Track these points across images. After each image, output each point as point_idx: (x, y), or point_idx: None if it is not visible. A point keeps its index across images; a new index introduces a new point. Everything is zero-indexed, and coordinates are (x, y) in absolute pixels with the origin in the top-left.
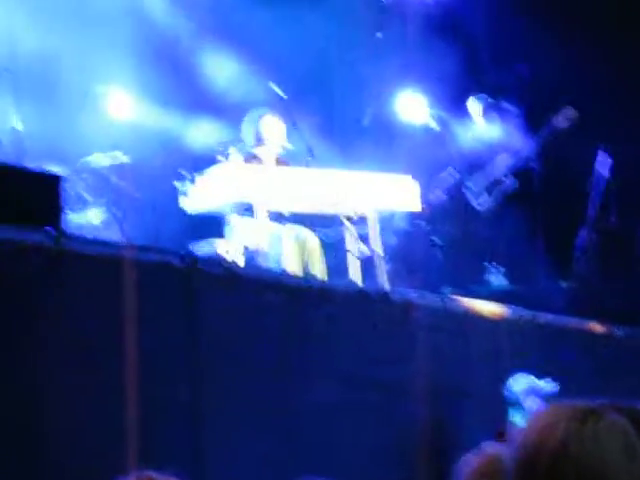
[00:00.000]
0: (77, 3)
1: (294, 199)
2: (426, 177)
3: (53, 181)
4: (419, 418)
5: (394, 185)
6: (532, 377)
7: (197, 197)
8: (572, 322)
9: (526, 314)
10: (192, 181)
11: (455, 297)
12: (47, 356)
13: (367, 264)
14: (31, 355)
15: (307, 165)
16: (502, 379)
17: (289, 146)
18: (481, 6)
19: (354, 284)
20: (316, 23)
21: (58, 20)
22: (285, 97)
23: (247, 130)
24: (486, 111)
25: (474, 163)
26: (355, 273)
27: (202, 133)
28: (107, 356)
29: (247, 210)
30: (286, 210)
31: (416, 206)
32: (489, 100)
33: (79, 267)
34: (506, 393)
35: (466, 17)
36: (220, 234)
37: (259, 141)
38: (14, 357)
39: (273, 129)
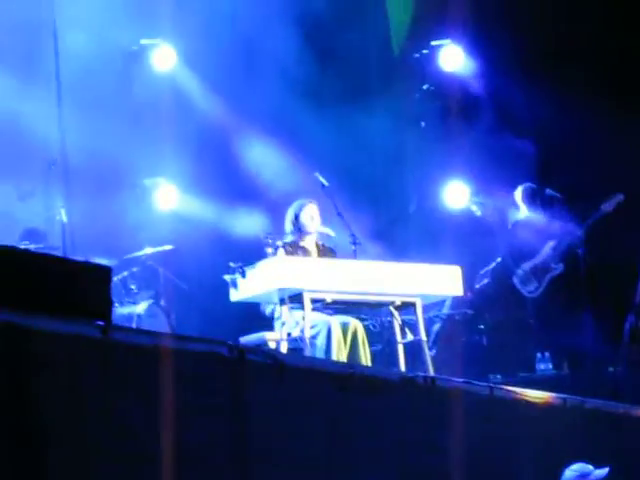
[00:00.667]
0: (124, 98)
1: (341, 289)
2: (471, 263)
3: (102, 273)
4: None
5: (438, 272)
6: (582, 464)
7: (247, 288)
8: (621, 408)
9: (575, 400)
10: (242, 274)
11: (502, 385)
12: (94, 443)
13: (413, 351)
14: (77, 442)
15: (353, 253)
16: (553, 466)
17: (332, 233)
18: (524, 95)
19: (400, 372)
20: (361, 116)
21: (106, 114)
22: (327, 184)
23: (290, 220)
24: (532, 199)
25: (521, 250)
26: (401, 360)
27: (248, 224)
28: (152, 448)
29: (294, 301)
30: (333, 299)
31: (459, 291)
32: (535, 188)
33: (127, 358)
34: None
35: (510, 110)
36: (269, 327)
37: (300, 231)
38: (62, 444)
39: (314, 218)
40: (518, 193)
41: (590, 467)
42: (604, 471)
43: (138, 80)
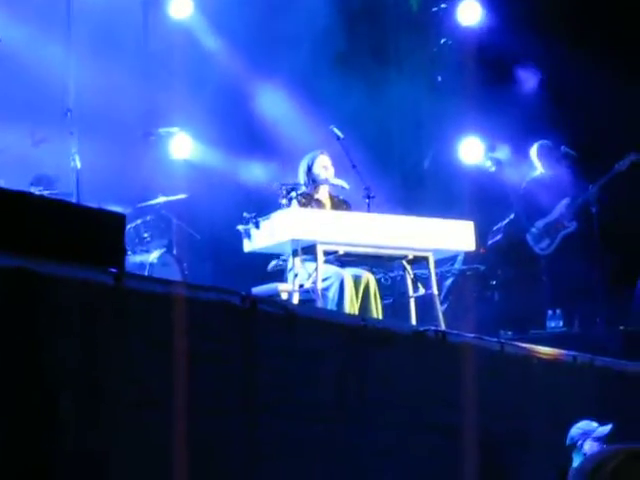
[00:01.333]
0: (140, 46)
1: (353, 241)
2: (485, 219)
3: (116, 221)
4: (478, 463)
5: (450, 227)
6: (587, 421)
7: (260, 239)
8: (630, 366)
9: (584, 358)
10: (256, 225)
11: (513, 341)
12: (105, 389)
13: (424, 305)
14: (89, 388)
15: (366, 205)
16: (562, 423)
17: (346, 186)
18: (540, 55)
19: (411, 325)
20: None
21: (122, 62)
22: (342, 137)
23: (303, 171)
24: (548, 156)
25: (535, 208)
26: (412, 314)
27: (263, 175)
28: (164, 395)
29: (307, 252)
30: (346, 252)
31: (471, 246)
32: (551, 145)
33: (140, 306)
34: (567, 438)
35: (525, 65)
36: (281, 277)
37: (314, 182)
38: (74, 390)
39: (327, 168)
40: (534, 150)
41: (594, 424)
42: (606, 428)
43: (154, 29)
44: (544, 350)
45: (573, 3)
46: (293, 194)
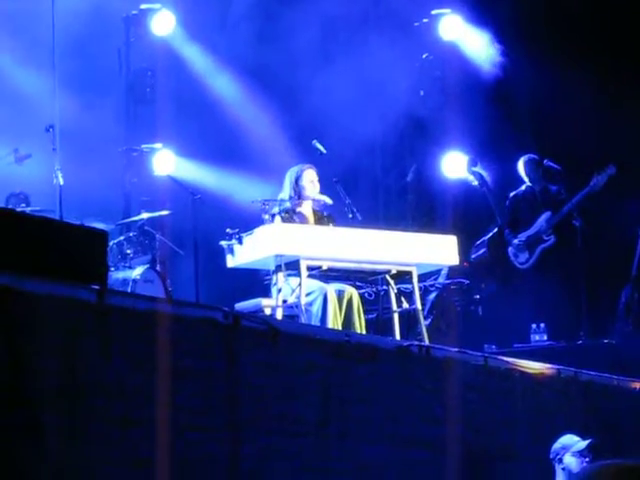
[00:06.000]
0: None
1: (337, 256)
2: (468, 233)
3: (99, 237)
4: (462, 476)
5: (434, 241)
6: (570, 435)
7: (243, 255)
8: (614, 379)
9: (569, 371)
10: (239, 240)
11: (497, 355)
12: (88, 406)
13: (408, 320)
14: (72, 405)
15: (350, 220)
16: (546, 437)
17: (329, 201)
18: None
19: (395, 340)
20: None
21: (104, 79)
22: (325, 152)
23: (289, 184)
24: (535, 170)
25: (519, 221)
26: (396, 329)
27: (245, 190)
28: (147, 412)
29: (291, 267)
30: (329, 267)
31: (454, 260)
32: (537, 159)
33: (122, 323)
34: (550, 452)
35: (509, 81)
36: (264, 293)
37: (299, 196)
38: (56, 407)
39: (314, 182)
40: (520, 164)
41: (575, 439)
42: (584, 443)
43: (137, 45)
44: (528, 364)
45: (554, 17)
46: (275, 209)
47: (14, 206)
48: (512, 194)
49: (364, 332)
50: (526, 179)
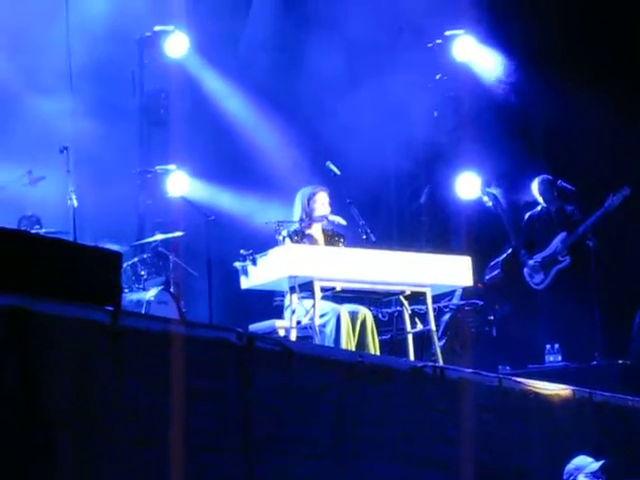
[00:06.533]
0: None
1: (351, 277)
2: (482, 254)
3: (113, 259)
4: None
5: (448, 262)
6: (583, 456)
7: (257, 276)
8: (629, 400)
9: (583, 392)
10: (253, 262)
11: (512, 376)
12: (102, 427)
13: (422, 341)
14: (86, 426)
15: (364, 241)
16: (560, 458)
17: (343, 222)
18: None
19: (409, 361)
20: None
21: (118, 100)
22: (339, 173)
23: (300, 205)
24: (550, 190)
25: (535, 242)
26: (410, 350)
27: (260, 212)
28: (160, 433)
29: (304, 289)
30: (343, 288)
31: (468, 281)
32: (552, 180)
33: (136, 344)
34: (564, 473)
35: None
36: (278, 315)
37: (311, 218)
38: (70, 428)
39: (325, 205)
40: (535, 185)
41: (589, 460)
42: (597, 464)
43: (150, 67)
44: (543, 385)
45: (568, 38)
46: (284, 232)
47: (27, 228)
48: (528, 215)
49: (378, 353)
50: (540, 199)
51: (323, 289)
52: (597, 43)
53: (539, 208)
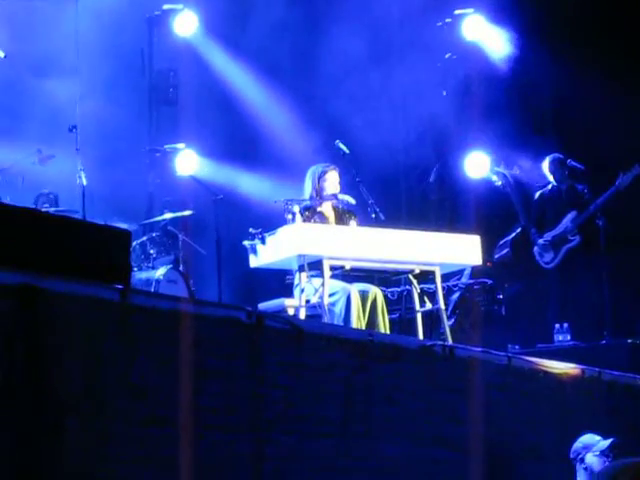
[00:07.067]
0: (146, 63)
1: (360, 256)
2: (491, 233)
3: (122, 237)
4: (486, 476)
5: (457, 241)
6: (591, 434)
7: (266, 255)
8: (638, 379)
9: (592, 371)
10: (262, 240)
11: (521, 355)
12: (112, 407)
13: (431, 320)
14: (95, 406)
15: (373, 220)
16: (569, 437)
17: (352, 201)
18: (546, 69)
19: (418, 340)
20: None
21: (126, 79)
22: (348, 152)
23: (310, 183)
24: (560, 169)
25: (545, 220)
26: (419, 329)
27: (268, 190)
28: (170, 411)
29: (314, 268)
30: (352, 267)
31: (477, 260)
32: (562, 158)
33: (146, 322)
34: (571, 452)
35: (532, 81)
36: (287, 293)
37: (320, 196)
38: (80, 407)
39: (335, 184)
40: (545, 163)
41: (597, 438)
42: (606, 442)
43: (159, 45)
44: (552, 364)
45: (578, 16)
46: (296, 208)
47: (45, 205)
48: (538, 193)
49: (388, 332)
50: (551, 178)
51: (332, 268)
52: (607, 21)
53: (549, 187)
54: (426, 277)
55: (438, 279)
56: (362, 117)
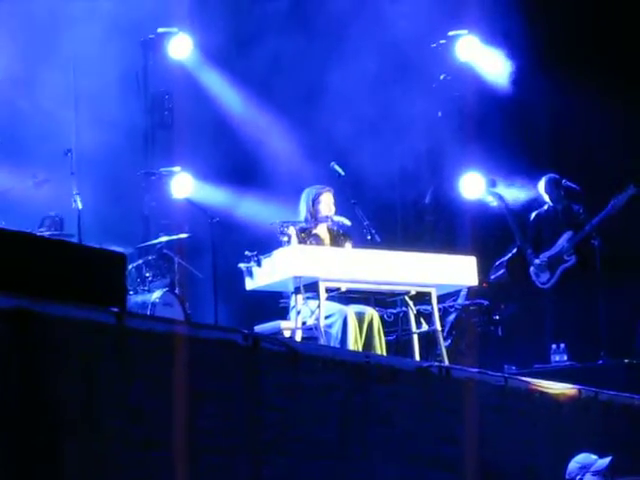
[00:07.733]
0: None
1: (356, 278)
2: (487, 254)
3: (117, 260)
4: None
5: (453, 262)
6: (586, 454)
7: (262, 277)
8: (635, 399)
9: (589, 391)
10: (258, 263)
11: (517, 376)
12: (109, 430)
13: (427, 341)
14: (92, 429)
15: (369, 242)
16: (565, 458)
17: (347, 222)
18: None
19: (415, 361)
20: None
21: (121, 103)
22: (343, 174)
23: (305, 206)
24: (556, 189)
25: (541, 241)
26: (416, 350)
27: (264, 212)
28: (167, 434)
29: (310, 289)
30: (348, 289)
31: (473, 281)
32: (558, 179)
33: (142, 345)
34: (566, 473)
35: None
36: (283, 316)
37: (316, 218)
38: (76, 430)
39: (330, 206)
40: (541, 184)
41: (594, 457)
42: (605, 461)
43: (154, 68)
44: (548, 384)
45: (572, 36)
46: (292, 230)
47: (51, 228)
48: (534, 214)
49: (385, 354)
50: (547, 198)
51: (328, 290)
52: (601, 41)
53: (545, 207)
54: (422, 298)
55: (434, 300)
56: (357, 139)
